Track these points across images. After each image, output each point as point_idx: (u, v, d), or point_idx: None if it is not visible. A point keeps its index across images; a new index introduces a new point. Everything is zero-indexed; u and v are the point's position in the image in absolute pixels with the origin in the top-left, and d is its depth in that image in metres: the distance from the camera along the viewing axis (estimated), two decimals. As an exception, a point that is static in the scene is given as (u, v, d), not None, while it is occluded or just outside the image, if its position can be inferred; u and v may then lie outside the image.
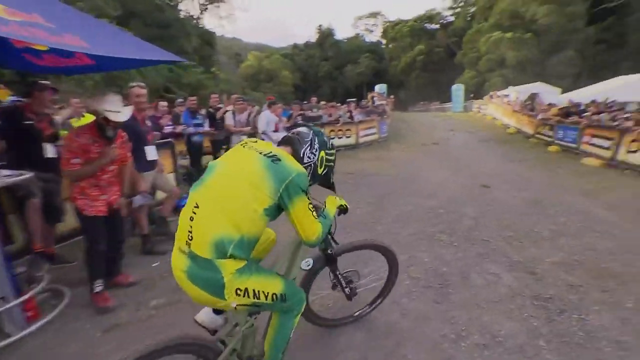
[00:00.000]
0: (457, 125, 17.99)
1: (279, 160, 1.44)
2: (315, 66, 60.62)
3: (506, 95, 19.92)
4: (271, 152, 1.47)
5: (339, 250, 2.08)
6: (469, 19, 44.71)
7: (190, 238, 1.37)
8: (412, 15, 53.22)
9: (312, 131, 1.66)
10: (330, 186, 1.88)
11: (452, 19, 49.82)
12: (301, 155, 1.58)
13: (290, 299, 1.55)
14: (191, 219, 1.39)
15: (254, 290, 1.40)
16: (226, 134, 6.42)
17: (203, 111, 7.15)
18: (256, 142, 1.59)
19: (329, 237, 1.96)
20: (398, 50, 49.92)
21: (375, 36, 64.32)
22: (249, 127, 6.56)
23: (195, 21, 25.17)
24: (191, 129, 6.18)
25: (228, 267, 1.34)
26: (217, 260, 1.32)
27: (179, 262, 1.41)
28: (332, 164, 1.74)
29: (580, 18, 31.65)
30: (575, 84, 25.43)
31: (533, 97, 18.43)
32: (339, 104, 12.84)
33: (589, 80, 23.14)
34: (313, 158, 1.61)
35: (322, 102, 10.86)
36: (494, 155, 10.16)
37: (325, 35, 62.66)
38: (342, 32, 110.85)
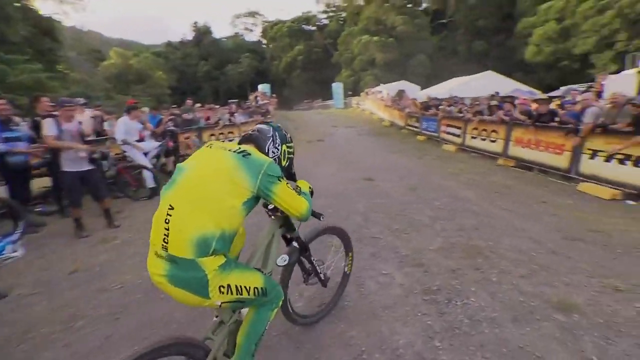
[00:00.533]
0: (339, 121, 19.00)
1: (249, 154, 1.48)
2: (193, 66, 56.29)
3: (379, 92, 22.08)
4: (239, 148, 1.52)
5: (308, 237, 2.14)
6: (341, 22, 48.36)
7: (166, 241, 1.34)
8: (290, 17, 54.61)
9: (271, 127, 1.74)
10: (292, 177, 1.92)
11: (327, 21, 53.06)
12: (266, 150, 1.63)
13: (270, 293, 1.59)
14: (167, 221, 1.36)
15: (236, 286, 1.43)
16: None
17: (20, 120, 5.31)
18: (222, 142, 1.64)
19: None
20: (278, 50, 50.49)
21: (255, 35, 63.68)
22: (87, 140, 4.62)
23: (20, 3, 19.67)
24: (0, 146, 4.46)
25: (210, 265, 1.34)
26: (198, 259, 1.32)
27: (156, 267, 1.38)
28: (292, 156, 1.83)
29: (426, 29, 37.72)
30: (429, 82, 30.17)
31: (400, 93, 20.91)
32: (218, 106, 11.87)
33: (437, 80, 27.83)
34: (277, 152, 1.69)
35: (198, 105, 9.74)
36: (374, 147, 10.93)
37: (202, 33, 58.76)
38: (221, 31, 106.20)
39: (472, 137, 9.15)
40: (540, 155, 6.78)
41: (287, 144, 1.77)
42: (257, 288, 1.51)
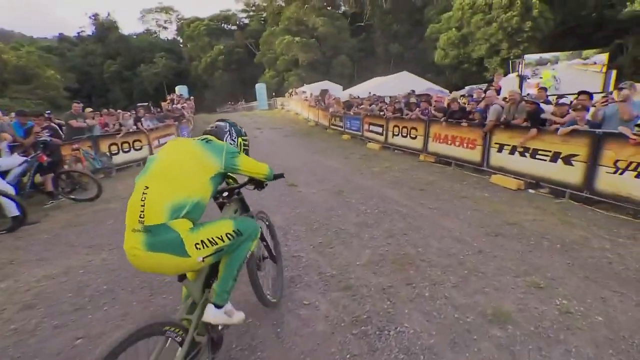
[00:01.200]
0: (264, 123, 18.28)
1: (211, 140, 1.77)
2: (98, 65, 49.63)
3: (304, 92, 21.90)
4: (202, 137, 1.81)
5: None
6: (262, 22, 47.29)
7: (142, 216, 1.44)
8: (207, 14, 51.58)
9: (227, 123, 2.03)
10: None
11: (247, 21, 51.40)
12: (224, 142, 1.90)
13: (245, 231, 1.77)
14: (142, 199, 1.47)
15: (209, 239, 1.56)
16: None
17: None
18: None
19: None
20: (197, 50, 47.34)
21: (170, 33, 58.88)
22: None
23: None
24: None
25: (181, 226, 1.47)
26: (170, 222, 1.45)
27: (133, 241, 1.45)
28: (247, 147, 2.16)
29: (345, 31, 38.96)
30: (351, 82, 31.15)
31: (324, 93, 20.98)
32: (119, 111, 10.22)
33: (359, 80, 28.89)
34: (234, 144, 1.98)
35: (89, 110, 8.11)
36: (298, 148, 10.52)
37: (107, 28, 52.06)
38: (129, 27, 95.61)
39: (394, 135, 9.31)
40: (456, 150, 7.07)
41: (242, 137, 2.09)
42: (229, 233, 1.66)
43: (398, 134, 9.14)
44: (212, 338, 1.71)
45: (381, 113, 10.11)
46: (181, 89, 26.20)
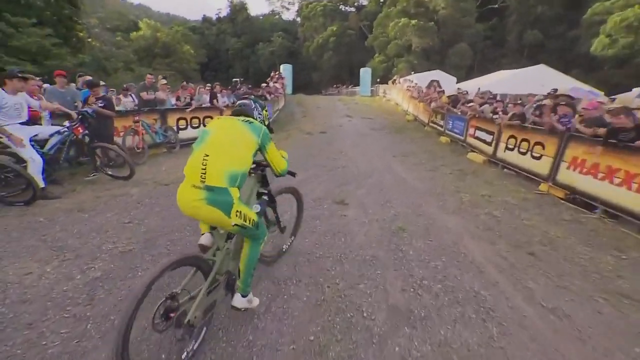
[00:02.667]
0: (357, 111, 16.74)
1: (251, 122, 2.07)
2: (226, 43, 55.14)
3: (410, 81, 19.36)
4: (243, 117, 2.11)
5: (275, 192, 2.64)
6: (381, 3, 44.71)
7: (203, 177, 1.82)
8: (329, -5, 51.43)
9: (251, 100, 2.30)
10: (271, 130, 2.34)
11: (365, 2, 49.49)
12: (255, 117, 2.21)
13: (260, 228, 2.10)
14: (203, 164, 1.83)
15: (244, 214, 1.92)
16: None
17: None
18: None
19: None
20: (311, 30, 47.87)
21: (291, 14, 61.43)
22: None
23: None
24: None
25: (234, 193, 1.86)
26: (230, 187, 1.83)
27: (192, 195, 1.83)
28: (269, 115, 2.65)
29: (471, 15, 33.58)
30: (468, 75, 26.75)
31: (432, 84, 18.18)
32: (192, 85, 10.09)
33: (477, 74, 24.43)
34: (261, 117, 2.28)
35: (163, 81, 8.00)
36: (379, 147, 8.76)
37: (238, 9, 57.18)
38: (258, 8, 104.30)
39: (507, 148, 6.75)
40: (613, 190, 4.39)
41: (266, 110, 2.37)
42: (254, 220, 2.01)
43: (513, 148, 6.56)
44: (228, 279, 2.15)
45: (494, 117, 7.51)
46: (285, 68, 26.47)
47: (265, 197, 2.44)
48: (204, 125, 8.76)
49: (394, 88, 21.25)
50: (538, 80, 13.35)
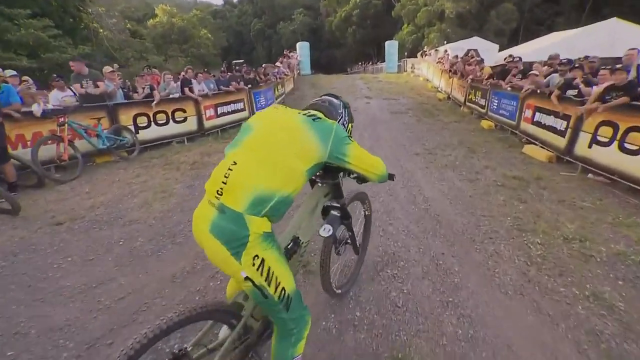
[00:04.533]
0: (378, 90, 14.28)
1: (319, 118, 1.33)
2: (247, 24, 53.17)
3: (445, 51, 16.32)
4: (309, 111, 1.38)
5: (346, 205, 1.87)
6: (409, -33, 40.08)
7: (220, 192, 1.19)
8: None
9: (342, 103, 1.57)
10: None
11: (392, -32, 44.80)
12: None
13: (293, 312, 1.30)
14: (226, 175, 1.19)
15: (269, 269, 1.19)
16: None
17: None
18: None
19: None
20: (334, 4, 44.40)
21: (312, -12, 57.55)
22: None
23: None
24: None
25: (256, 226, 1.15)
26: (247, 215, 1.14)
27: (204, 214, 1.21)
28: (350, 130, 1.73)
29: (520, -35, 28.64)
30: (513, 41, 22.86)
31: (469, 53, 15.11)
32: (153, 70, 8.26)
33: (524, 40, 20.51)
34: (345, 129, 1.53)
35: (109, 69, 6.14)
36: (399, 139, 6.54)
37: (257, -12, 54.62)
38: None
39: (598, 142, 4.33)
40: None
41: (352, 124, 1.65)
42: (284, 290, 1.25)
43: (609, 142, 4.14)
44: (264, 328, 1.48)
45: (572, 93, 4.98)
46: (302, 46, 24.08)
47: (336, 213, 1.66)
48: (176, 122, 7.04)
49: (423, 62, 18.32)
50: (607, 39, 10.16)
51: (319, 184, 1.71)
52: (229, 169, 1.20)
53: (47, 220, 3.64)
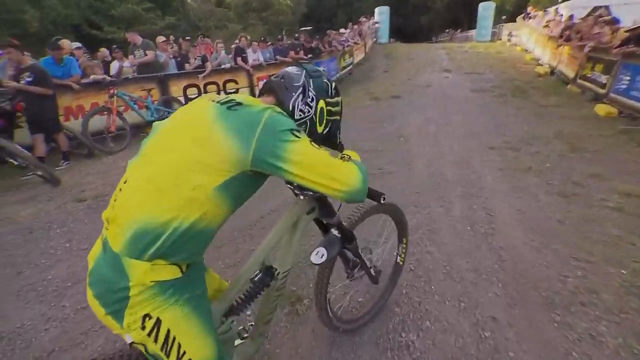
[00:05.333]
0: (462, 62, 12.29)
1: (240, 104, 0.91)
2: (329, -11, 51.11)
3: (557, 11, 13.04)
4: (227, 98, 0.94)
5: (352, 221, 1.48)
6: None
7: (108, 221, 0.89)
8: None
9: (304, 71, 1.09)
10: (337, 148, 1.25)
11: None
12: (290, 106, 1.03)
13: None
14: (115, 199, 0.89)
15: (168, 333, 0.85)
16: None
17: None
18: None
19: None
20: (425, -39, 39.62)
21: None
22: None
23: None
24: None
25: (140, 273, 0.80)
26: (125, 257, 0.81)
27: (94, 252, 0.90)
28: (337, 117, 1.18)
29: None
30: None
31: (597, 12, 11.80)
32: (207, 39, 7.91)
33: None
34: (308, 112, 1.07)
35: (162, 39, 6.01)
36: (475, 125, 5.28)
37: (342, -52, 51.52)
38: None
39: None
40: None
41: (328, 100, 1.12)
42: None
43: None
44: None
45: None
46: (381, 12, 22.07)
47: (337, 233, 1.31)
48: (226, 93, 6.80)
49: (524, 27, 15.14)
50: None
51: (299, 196, 1.26)
52: (120, 189, 0.90)
53: (75, 195, 3.66)
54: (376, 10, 22.18)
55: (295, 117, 1.04)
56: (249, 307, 1.23)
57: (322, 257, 1.21)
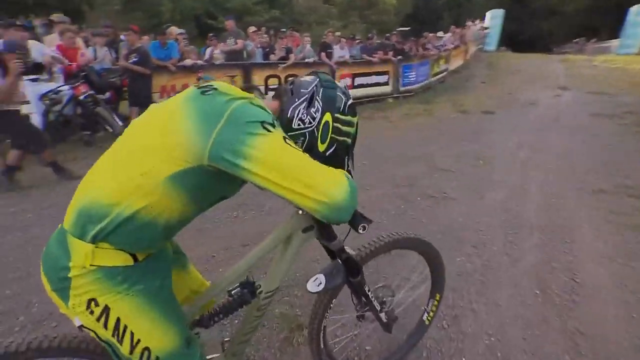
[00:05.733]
0: (584, 79, 10.34)
1: (215, 89, 0.79)
2: (438, -10, 48.35)
3: None
4: (210, 84, 0.81)
5: (364, 253, 1.25)
6: None
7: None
8: None
9: (318, 79, 0.93)
10: (346, 163, 1.04)
11: None
12: (289, 114, 0.90)
13: None
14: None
15: (117, 321, 0.79)
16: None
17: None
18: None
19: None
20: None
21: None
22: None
23: None
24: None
25: (81, 254, 0.75)
26: (69, 235, 0.77)
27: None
28: (347, 139, 0.97)
29: None
30: None
31: None
32: (296, 33, 7.87)
33: None
34: (310, 123, 0.90)
35: (252, 29, 6.27)
36: (580, 157, 4.26)
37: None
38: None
39: None
40: None
41: (338, 115, 0.93)
42: (149, 352, 0.83)
43: None
44: None
45: None
46: (494, 15, 19.89)
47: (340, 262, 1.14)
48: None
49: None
50: None
51: (298, 211, 1.09)
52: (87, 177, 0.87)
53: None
54: (488, 13, 20.12)
55: (293, 126, 0.91)
56: (220, 322, 1.10)
57: (319, 285, 1.08)
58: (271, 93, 0.99)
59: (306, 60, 6.72)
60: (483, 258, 2.38)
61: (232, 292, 1.05)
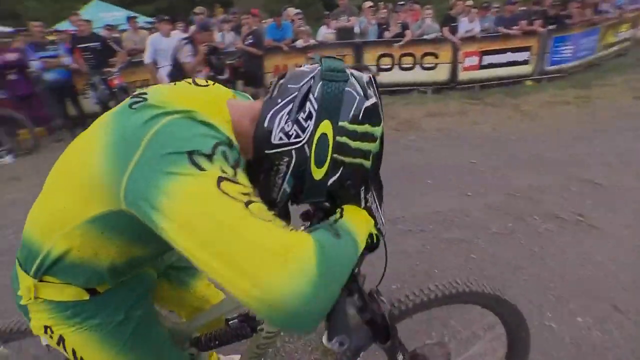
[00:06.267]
0: None
1: (144, 101, 0.57)
2: None
3: None
4: (145, 92, 0.61)
5: (402, 310, 0.94)
6: None
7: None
8: None
9: (317, 69, 0.62)
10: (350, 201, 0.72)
11: None
12: (266, 122, 0.61)
13: None
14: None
15: (74, 352, 0.75)
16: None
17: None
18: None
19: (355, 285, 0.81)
20: None
21: None
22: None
23: None
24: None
25: (25, 287, 0.70)
26: (17, 265, 0.73)
27: None
28: (362, 161, 0.64)
29: None
30: None
31: None
32: (416, 6, 6.75)
33: None
34: (297, 136, 0.60)
35: (367, 4, 5.72)
36: None
37: None
38: None
39: None
40: None
41: (345, 124, 0.59)
42: None
43: None
44: None
45: None
46: None
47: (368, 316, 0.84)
48: (424, 68, 6.20)
49: None
50: None
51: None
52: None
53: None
54: None
55: (273, 141, 0.61)
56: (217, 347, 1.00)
57: (338, 344, 0.76)
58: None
59: (425, 36, 5.96)
60: (626, 326, 1.64)
61: (230, 322, 0.93)
